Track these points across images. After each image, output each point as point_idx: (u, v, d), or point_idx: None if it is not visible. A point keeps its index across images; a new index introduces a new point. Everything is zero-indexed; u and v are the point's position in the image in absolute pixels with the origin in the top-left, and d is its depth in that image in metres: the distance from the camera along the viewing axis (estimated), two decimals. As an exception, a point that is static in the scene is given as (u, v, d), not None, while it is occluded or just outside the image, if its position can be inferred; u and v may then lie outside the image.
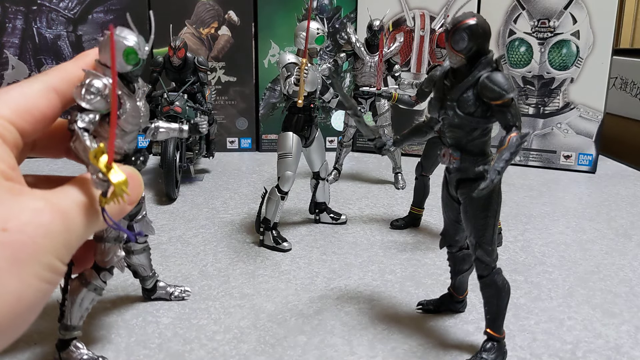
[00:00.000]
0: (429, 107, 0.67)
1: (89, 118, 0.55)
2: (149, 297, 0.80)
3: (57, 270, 0.38)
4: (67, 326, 0.64)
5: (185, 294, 0.81)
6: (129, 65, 0.58)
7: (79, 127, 0.54)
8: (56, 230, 0.38)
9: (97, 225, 0.42)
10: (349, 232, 1.06)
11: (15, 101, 0.44)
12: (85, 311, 0.65)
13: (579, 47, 1.47)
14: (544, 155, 1.55)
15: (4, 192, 0.37)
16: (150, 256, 0.78)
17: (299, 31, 0.97)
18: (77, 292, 0.64)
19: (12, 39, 1.49)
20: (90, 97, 0.56)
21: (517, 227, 1.09)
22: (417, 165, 1.09)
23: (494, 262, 0.65)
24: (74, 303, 0.64)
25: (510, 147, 0.57)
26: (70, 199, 0.41)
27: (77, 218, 0.40)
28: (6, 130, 0.43)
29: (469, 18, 0.60)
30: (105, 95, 0.57)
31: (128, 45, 0.58)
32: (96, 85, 0.56)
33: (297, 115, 0.97)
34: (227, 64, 1.62)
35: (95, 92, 0.56)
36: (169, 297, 0.80)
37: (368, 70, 1.32)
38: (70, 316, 0.64)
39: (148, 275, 0.78)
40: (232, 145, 1.68)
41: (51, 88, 0.46)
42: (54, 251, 0.37)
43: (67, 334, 0.64)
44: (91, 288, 0.64)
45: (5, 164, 0.40)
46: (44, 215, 0.37)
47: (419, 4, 1.56)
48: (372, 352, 0.68)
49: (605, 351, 0.69)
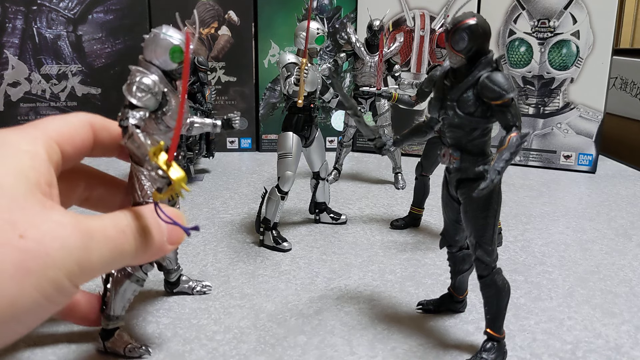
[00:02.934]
0: (429, 107, 0.67)
1: (139, 115, 0.56)
2: (171, 290, 0.80)
3: (62, 289, 0.37)
4: (110, 316, 0.65)
5: (206, 288, 0.81)
6: (174, 63, 0.60)
7: (132, 124, 0.55)
8: (72, 246, 0.37)
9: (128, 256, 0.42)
10: (349, 232, 1.06)
11: (61, 127, 0.47)
12: (127, 302, 0.66)
13: (579, 47, 1.47)
14: (544, 155, 1.55)
15: (35, 203, 0.37)
16: (177, 250, 0.78)
17: (299, 31, 0.97)
18: (120, 284, 0.65)
19: (12, 39, 1.49)
20: (141, 94, 0.57)
21: (517, 227, 1.09)
22: (417, 165, 1.09)
23: (494, 262, 0.65)
24: (117, 294, 0.65)
25: (510, 147, 0.57)
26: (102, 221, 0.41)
27: (102, 241, 0.39)
28: (52, 150, 0.45)
29: (469, 18, 0.60)
30: (155, 92, 0.58)
31: (174, 44, 0.59)
32: (146, 82, 0.57)
33: (297, 115, 0.97)
34: (227, 64, 1.62)
35: (146, 89, 0.58)
36: (191, 292, 0.80)
37: (368, 70, 1.32)
38: (114, 306, 0.65)
39: (173, 268, 0.78)
40: (232, 145, 1.68)
41: (88, 122, 0.51)
42: (64, 267, 0.36)
43: (111, 324, 0.66)
44: (133, 280, 0.65)
45: (44, 179, 0.41)
46: (64, 229, 0.37)
47: (419, 4, 1.56)
48: (372, 352, 0.68)
49: (605, 351, 0.69)
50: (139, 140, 0.53)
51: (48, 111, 1.54)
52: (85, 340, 0.69)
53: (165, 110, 0.60)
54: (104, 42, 1.54)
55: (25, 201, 0.37)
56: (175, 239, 0.44)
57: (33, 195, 0.38)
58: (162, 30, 0.59)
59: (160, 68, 0.60)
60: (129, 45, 1.55)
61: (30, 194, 0.38)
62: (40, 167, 0.41)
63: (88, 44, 1.53)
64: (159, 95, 0.58)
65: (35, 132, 0.44)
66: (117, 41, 1.54)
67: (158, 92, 0.58)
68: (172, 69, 0.60)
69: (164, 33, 0.59)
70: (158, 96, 0.58)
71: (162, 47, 0.59)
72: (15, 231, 0.35)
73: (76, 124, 0.49)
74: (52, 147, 0.45)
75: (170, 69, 0.60)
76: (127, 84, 0.58)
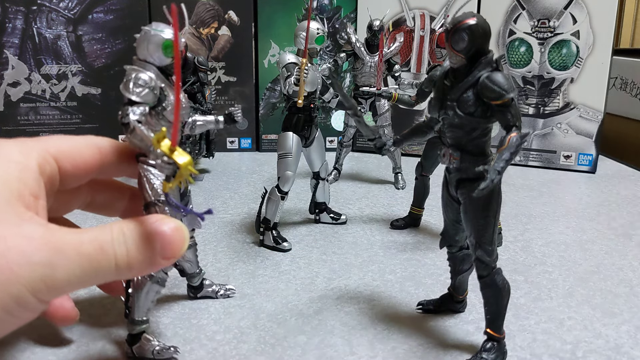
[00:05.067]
0: (429, 107, 0.67)
1: (140, 110, 0.56)
2: (195, 295, 0.79)
3: (25, 304, 0.36)
4: (135, 321, 0.64)
5: (230, 292, 0.80)
6: (168, 57, 0.59)
7: (133, 119, 0.55)
8: (37, 262, 0.36)
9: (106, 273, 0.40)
10: (349, 232, 1.06)
11: (63, 144, 0.47)
12: (151, 304, 0.65)
13: (579, 47, 1.47)
14: (544, 155, 1.55)
15: (12, 215, 0.37)
16: (197, 252, 0.77)
17: (299, 31, 0.97)
18: (142, 286, 0.64)
19: (12, 39, 1.49)
20: (139, 89, 0.57)
21: (517, 227, 1.09)
22: (417, 166, 1.09)
23: (494, 262, 0.65)
24: (139, 297, 0.64)
25: (510, 147, 0.57)
26: (80, 236, 0.39)
27: (73, 257, 0.38)
28: (47, 163, 0.44)
29: (469, 18, 0.60)
30: (152, 87, 0.58)
31: (165, 38, 0.58)
32: (143, 78, 0.57)
33: (297, 115, 0.97)
34: (227, 64, 1.62)
35: (143, 84, 0.57)
36: (215, 296, 0.79)
37: (368, 70, 1.32)
38: (137, 310, 0.64)
39: (195, 272, 0.77)
40: (232, 145, 1.68)
41: (96, 145, 0.51)
42: (28, 283, 0.36)
43: (137, 328, 0.65)
44: (154, 280, 0.64)
45: (29, 191, 0.40)
46: (31, 244, 0.36)
47: (419, 4, 1.55)
48: (372, 352, 0.68)
49: (605, 351, 0.69)
50: (141, 133, 0.52)
51: (48, 111, 1.53)
52: (85, 340, 0.69)
53: (164, 105, 0.59)
54: (104, 42, 1.53)
55: (0, 212, 0.37)
56: (170, 253, 0.41)
57: (10, 207, 0.37)
58: (152, 27, 0.59)
59: (155, 65, 0.59)
60: (129, 45, 1.55)
61: (7, 205, 0.37)
62: (27, 178, 0.41)
63: (88, 44, 1.53)
64: (156, 90, 0.58)
65: (33, 144, 0.44)
66: (117, 41, 1.54)
67: (155, 87, 0.58)
68: (167, 64, 0.59)
69: (154, 29, 0.59)
70: (156, 91, 0.58)
71: (154, 43, 0.58)
72: None
73: (80, 144, 0.49)
74: (47, 160, 0.44)
75: (165, 64, 0.59)
76: (124, 82, 0.57)
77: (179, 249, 0.41)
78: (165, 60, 0.59)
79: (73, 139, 0.49)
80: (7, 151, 0.41)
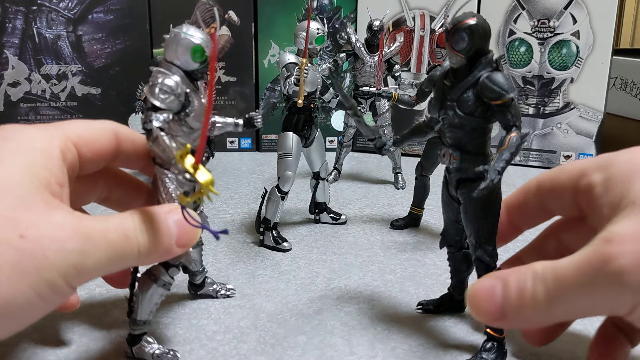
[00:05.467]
0: (429, 107, 0.67)
1: (163, 117, 0.55)
2: (195, 292, 0.79)
3: (58, 289, 0.37)
4: (137, 321, 0.64)
5: (230, 292, 0.80)
6: (195, 62, 0.58)
7: (156, 126, 0.54)
8: (70, 249, 0.37)
9: (130, 258, 0.41)
10: (349, 232, 1.06)
11: (82, 130, 0.48)
12: (154, 306, 0.65)
13: (579, 47, 1.47)
14: (544, 155, 1.55)
15: (40, 203, 0.38)
16: (202, 252, 0.77)
17: (299, 31, 0.97)
18: (146, 288, 0.64)
19: (12, 39, 1.49)
20: (164, 96, 0.56)
21: (517, 227, 1.09)
22: (417, 165, 1.09)
23: (494, 262, 0.65)
24: (143, 299, 0.64)
25: (510, 147, 0.57)
26: (105, 223, 0.41)
27: (102, 244, 0.39)
28: (68, 151, 0.45)
29: (469, 18, 0.60)
30: (178, 94, 0.57)
31: (196, 43, 0.57)
32: (168, 84, 0.56)
33: (297, 115, 0.97)
34: (227, 64, 1.62)
35: (169, 91, 0.56)
36: (215, 295, 0.80)
37: (368, 70, 1.32)
38: (140, 312, 0.64)
39: (198, 270, 0.77)
40: (232, 145, 1.68)
41: (113, 130, 0.51)
42: (61, 269, 0.37)
43: (138, 329, 0.65)
44: (160, 284, 0.64)
45: (55, 179, 0.41)
46: (64, 231, 0.38)
47: (419, 4, 1.56)
48: (372, 352, 0.68)
49: (605, 351, 0.69)
50: (163, 144, 0.52)
51: (48, 111, 1.54)
52: (85, 340, 0.69)
53: (188, 111, 0.58)
54: (104, 42, 1.53)
55: (31, 200, 0.37)
56: (185, 241, 0.44)
57: (40, 195, 0.38)
58: (182, 30, 0.58)
59: (182, 68, 0.58)
60: (129, 45, 1.55)
61: (37, 193, 0.38)
62: (53, 166, 0.41)
63: (88, 44, 1.53)
64: (181, 96, 0.57)
65: (54, 131, 0.45)
66: (117, 41, 1.54)
67: (181, 94, 0.57)
68: (193, 68, 0.58)
69: (184, 32, 0.57)
70: (181, 97, 0.57)
71: (184, 47, 0.57)
72: (16, 230, 0.35)
73: (99, 130, 0.49)
74: (68, 147, 0.45)
75: (192, 69, 0.58)
76: (149, 86, 0.56)
77: (193, 237, 0.44)
78: (193, 64, 0.58)
79: (90, 123, 0.49)
80: (29, 137, 0.42)
